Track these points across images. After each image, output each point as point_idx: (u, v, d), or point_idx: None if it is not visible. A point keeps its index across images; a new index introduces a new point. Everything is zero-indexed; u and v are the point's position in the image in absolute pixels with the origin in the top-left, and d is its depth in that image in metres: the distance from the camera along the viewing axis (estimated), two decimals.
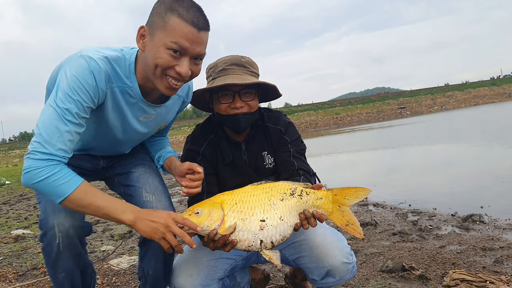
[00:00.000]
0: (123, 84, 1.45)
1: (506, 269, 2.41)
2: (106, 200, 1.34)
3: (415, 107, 61.54)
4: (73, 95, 1.31)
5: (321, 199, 1.47)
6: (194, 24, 1.33)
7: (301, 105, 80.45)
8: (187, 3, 1.35)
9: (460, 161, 7.74)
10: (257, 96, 1.77)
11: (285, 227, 1.41)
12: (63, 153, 1.30)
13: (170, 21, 1.32)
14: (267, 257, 1.41)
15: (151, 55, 1.36)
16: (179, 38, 1.32)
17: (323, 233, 1.74)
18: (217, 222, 1.37)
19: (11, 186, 12.34)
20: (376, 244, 3.18)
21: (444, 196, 4.84)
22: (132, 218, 1.33)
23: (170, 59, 1.34)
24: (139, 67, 1.47)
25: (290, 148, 1.81)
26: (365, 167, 8.60)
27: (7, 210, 6.90)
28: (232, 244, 1.39)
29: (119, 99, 1.47)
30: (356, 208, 4.68)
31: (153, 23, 1.36)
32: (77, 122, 1.33)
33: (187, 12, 1.33)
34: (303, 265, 1.78)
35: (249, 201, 1.41)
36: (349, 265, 1.71)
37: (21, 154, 45.89)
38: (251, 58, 1.82)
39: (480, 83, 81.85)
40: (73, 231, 1.42)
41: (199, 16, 1.35)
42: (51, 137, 1.27)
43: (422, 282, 2.33)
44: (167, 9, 1.33)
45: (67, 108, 1.30)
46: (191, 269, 1.68)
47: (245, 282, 2.01)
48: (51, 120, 1.29)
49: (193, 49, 1.36)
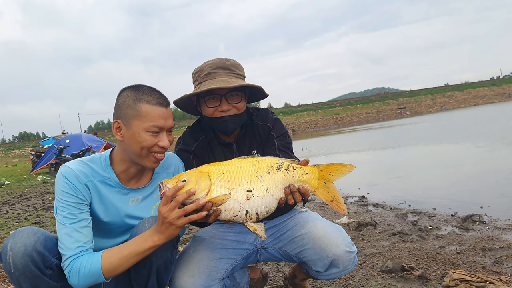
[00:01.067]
0: (101, 176, 1.62)
1: (505, 269, 2.41)
2: (128, 246, 1.48)
3: (415, 107, 61.55)
4: (62, 202, 1.53)
5: (307, 174, 1.49)
6: (161, 104, 1.56)
7: (300, 105, 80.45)
8: (148, 89, 1.57)
9: (460, 161, 7.74)
10: (244, 98, 1.80)
11: (271, 199, 1.42)
12: (81, 248, 1.49)
13: (142, 109, 1.53)
14: (251, 228, 1.41)
15: (133, 141, 1.55)
16: (155, 120, 1.53)
17: (323, 225, 1.78)
18: (204, 190, 1.37)
19: (10, 186, 12.34)
20: (376, 244, 3.18)
21: (444, 197, 4.84)
22: (155, 240, 1.44)
23: (153, 139, 1.54)
24: (116, 159, 1.64)
25: (275, 142, 1.84)
26: (365, 167, 8.60)
27: (6, 210, 6.89)
28: (216, 213, 1.38)
29: (102, 191, 1.62)
30: (356, 208, 4.69)
31: (125, 115, 1.55)
32: (78, 219, 1.52)
33: (152, 97, 1.55)
34: (306, 258, 1.79)
35: (236, 172, 1.43)
36: (351, 254, 1.74)
37: (20, 154, 45.89)
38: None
39: (480, 83, 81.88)
40: (23, 251, 1.41)
41: (161, 97, 1.58)
42: (65, 244, 1.48)
43: (421, 282, 2.33)
44: (135, 100, 1.54)
45: (63, 215, 1.51)
46: (192, 270, 1.68)
47: (245, 282, 2.01)
48: (60, 231, 1.51)
49: (167, 124, 1.57)
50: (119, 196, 1.65)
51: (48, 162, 15.66)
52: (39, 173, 16.11)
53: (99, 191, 1.60)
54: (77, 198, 1.54)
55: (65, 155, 14.57)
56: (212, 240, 1.84)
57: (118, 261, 1.45)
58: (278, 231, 1.89)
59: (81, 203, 1.55)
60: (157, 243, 1.43)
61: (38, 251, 1.43)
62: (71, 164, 1.59)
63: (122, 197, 1.65)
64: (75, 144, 16.36)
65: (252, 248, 1.89)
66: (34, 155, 19.35)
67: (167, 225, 1.39)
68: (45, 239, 1.48)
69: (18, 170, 22.07)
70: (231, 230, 1.89)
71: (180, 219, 1.37)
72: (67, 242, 1.48)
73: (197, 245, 1.80)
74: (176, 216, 1.36)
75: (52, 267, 1.48)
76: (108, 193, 1.62)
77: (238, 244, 1.86)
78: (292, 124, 54.61)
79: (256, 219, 1.42)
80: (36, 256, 1.43)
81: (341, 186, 6.26)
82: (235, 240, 1.86)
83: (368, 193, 5.60)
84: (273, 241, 1.89)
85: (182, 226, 1.39)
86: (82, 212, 1.54)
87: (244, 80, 1.81)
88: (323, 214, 4.49)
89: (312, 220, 1.83)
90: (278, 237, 1.88)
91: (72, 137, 18.02)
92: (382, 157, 10.33)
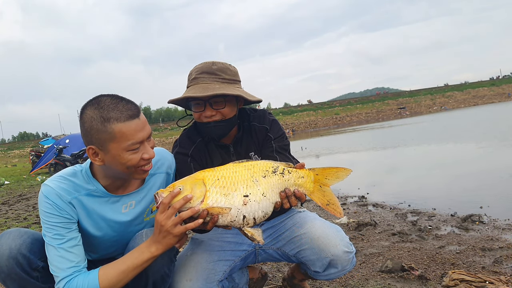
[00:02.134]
0: (86, 190, 1.53)
1: (505, 269, 2.41)
2: (125, 261, 1.44)
3: (415, 107, 61.57)
4: (47, 224, 1.46)
5: (303, 178, 1.47)
6: (132, 116, 1.41)
7: (300, 105, 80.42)
8: (111, 102, 1.41)
9: (460, 161, 7.74)
10: (230, 103, 1.74)
11: (268, 203, 1.41)
12: (75, 268, 1.44)
13: (115, 130, 1.39)
14: (249, 233, 1.40)
15: (115, 164, 1.44)
16: (132, 138, 1.41)
17: (322, 225, 1.77)
18: (199, 198, 1.36)
19: (10, 186, 12.33)
20: (376, 244, 3.18)
21: (443, 196, 4.84)
22: (153, 250, 1.41)
23: (136, 155, 1.44)
24: (99, 174, 1.55)
25: (273, 144, 1.83)
26: (365, 167, 8.59)
27: (6, 211, 6.89)
28: (214, 220, 1.36)
29: (89, 205, 1.54)
30: (356, 208, 4.68)
31: (98, 140, 1.41)
32: (66, 239, 1.46)
33: (120, 112, 1.40)
34: (304, 258, 1.79)
35: (231, 177, 1.41)
36: (350, 254, 1.73)
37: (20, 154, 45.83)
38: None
39: (479, 83, 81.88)
40: (8, 253, 1.41)
41: (127, 107, 1.42)
42: (57, 266, 1.43)
43: (421, 282, 2.33)
44: (103, 122, 1.39)
45: (51, 237, 1.44)
46: (190, 274, 1.67)
47: (244, 283, 2.00)
48: (49, 253, 1.44)
49: (146, 134, 1.45)
50: (109, 205, 1.58)
51: (48, 162, 15.67)
52: (38, 173, 16.10)
53: (86, 206, 1.53)
54: (62, 218, 1.47)
55: (65, 155, 14.57)
56: (209, 242, 1.83)
57: (117, 277, 1.42)
58: (276, 231, 1.88)
59: (68, 222, 1.48)
60: (155, 253, 1.40)
61: (23, 254, 1.42)
62: (51, 182, 1.50)
63: (112, 206, 1.58)
64: (75, 144, 16.35)
65: (250, 249, 1.89)
66: (34, 155, 19.36)
67: (164, 233, 1.36)
68: (32, 242, 1.46)
69: (18, 170, 22.05)
70: (229, 231, 1.88)
71: (177, 227, 1.35)
72: (59, 264, 1.43)
73: (195, 248, 1.80)
74: (173, 223, 1.34)
75: (39, 269, 1.46)
76: (96, 205, 1.55)
77: (236, 246, 1.85)
78: (292, 124, 54.61)
79: (253, 224, 1.40)
80: (21, 259, 1.41)
81: (341, 186, 6.26)
82: (233, 241, 1.86)
83: (368, 193, 5.60)
84: (271, 242, 1.88)
85: (179, 234, 1.37)
86: (70, 231, 1.48)
87: (234, 83, 1.77)
88: (323, 214, 4.49)
89: (310, 220, 1.82)
90: (276, 237, 1.87)
91: (72, 137, 18.00)
92: (382, 157, 10.32)
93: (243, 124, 1.87)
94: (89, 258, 1.66)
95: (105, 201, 1.57)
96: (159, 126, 65.35)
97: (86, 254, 1.64)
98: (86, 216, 1.54)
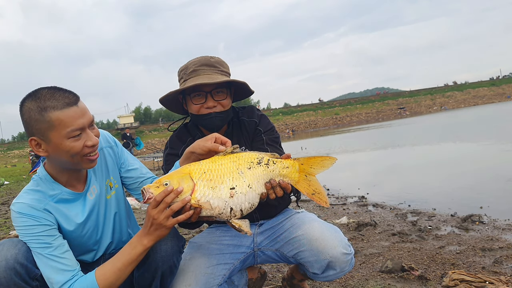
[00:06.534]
0: (53, 196, 1.52)
1: (505, 269, 2.41)
2: (120, 258, 1.45)
3: (415, 107, 61.64)
4: (30, 236, 1.44)
5: (288, 168, 1.48)
6: (70, 104, 1.40)
7: (300, 105, 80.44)
8: (48, 93, 1.40)
9: (460, 161, 7.74)
10: (229, 95, 1.80)
11: (254, 195, 1.42)
12: (70, 273, 1.43)
13: (52, 118, 1.38)
14: (236, 225, 1.40)
15: (59, 153, 1.43)
16: (71, 124, 1.39)
17: (320, 226, 1.76)
18: (188, 192, 1.37)
19: (9, 186, 12.33)
20: (376, 244, 3.18)
21: (443, 197, 4.84)
22: (145, 243, 1.43)
23: (78, 143, 1.42)
24: (54, 172, 1.54)
25: (263, 137, 1.84)
26: (365, 167, 8.59)
27: (5, 211, 6.88)
28: (197, 211, 1.38)
29: (63, 209, 1.53)
30: (356, 208, 4.68)
31: (39, 130, 1.40)
32: (54, 246, 1.44)
33: (56, 101, 1.39)
34: (303, 259, 1.77)
35: (217, 170, 1.41)
36: (348, 255, 1.72)
37: (20, 154, 45.87)
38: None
39: (479, 83, 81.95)
40: (5, 264, 1.39)
41: (64, 96, 1.41)
42: (49, 275, 1.42)
43: (421, 282, 2.32)
44: (40, 111, 1.38)
45: (38, 247, 1.43)
46: (189, 279, 1.66)
47: (243, 284, 1.99)
48: (41, 263, 1.43)
49: (86, 121, 1.44)
50: (79, 202, 1.58)
51: None
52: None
53: (60, 211, 1.52)
54: (43, 226, 1.45)
55: None
56: (208, 246, 1.83)
57: (114, 275, 1.43)
58: (275, 232, 1.87)
59: (50, 228, 1.46)
60: (147, 245, 1.42)
61: (20, 263, 1.39)
62: (20, 199, 1.48)
63: (82, 201, 1.59)
64: None
65: (249, 251, 1.88)
66: (33, 155, 19.34)
67: (156, 226, 1.38)
68: (27, 250, 1.44)
69: (17, 170, 22.06)
70: (227, 234, 1.88)
71: (169, 220, 1.37)
72: (52, 273, 1.41)
73: (193, 252, 1.79)
74: (165, 216, 1.36)
75: (38, 278, 1.44)
76: (69, 208, 1.55)
77: (234, 248, 1.84)
78: (292, 124, 54.62)
79: (240, 216, 1.41)
80: (19, 268, 1.39)
81: (341, 186, 6.26)
82: (231, 244, 1.85)
83: (368, 193, 5.60)
84: (270, 243, 1.87)
85: (170, 227, 1.39)
86: (55, 238, 1.45)
87: (229, 77, 1.82)
88: (323, 214, 4.49)
89: (309, 221, 1.81)
90: (274, 238, 1.86)
91: None
92: (382, 157, 10.33)
93: (233, 120, 1.90)
94: (88, 260, 1.66)
95: (73, 198, 1.57)
96: (159, 126, 65.39)
97: (86, 255, 1.64)
98: (64, 220, 1.54)
